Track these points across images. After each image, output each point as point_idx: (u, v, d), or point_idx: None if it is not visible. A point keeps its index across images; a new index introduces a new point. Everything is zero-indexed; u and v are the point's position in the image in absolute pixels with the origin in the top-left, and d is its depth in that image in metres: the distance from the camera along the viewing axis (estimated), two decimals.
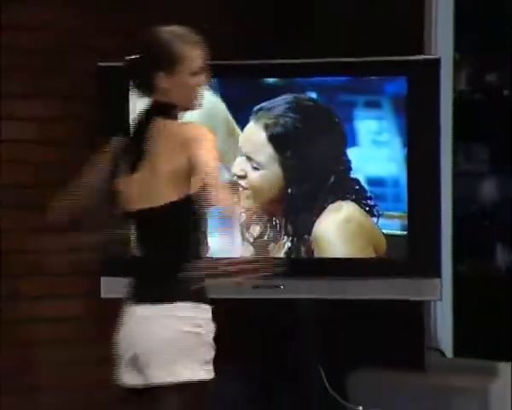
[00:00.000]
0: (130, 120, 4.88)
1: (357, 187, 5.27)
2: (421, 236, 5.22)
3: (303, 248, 5.32)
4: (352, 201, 5.14)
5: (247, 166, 5.23)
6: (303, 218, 5.40)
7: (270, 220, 5.41)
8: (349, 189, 5.27)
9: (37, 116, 5.68)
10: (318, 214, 5.31)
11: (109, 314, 4.94)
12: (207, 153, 3.31)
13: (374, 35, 5.93)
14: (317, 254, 5.31)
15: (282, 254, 5.38)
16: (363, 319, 5.80)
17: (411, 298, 5.35)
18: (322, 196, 5.35)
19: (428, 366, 5.96)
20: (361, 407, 5.86)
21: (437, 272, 5.16)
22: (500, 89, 6.17)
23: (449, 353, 5.97)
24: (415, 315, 5.95)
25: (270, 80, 5.36)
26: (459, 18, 6.21)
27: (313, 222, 5.31)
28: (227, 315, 5.52)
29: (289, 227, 5.38)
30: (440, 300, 5.60)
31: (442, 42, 6.04)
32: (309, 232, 5.28)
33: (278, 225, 5.38)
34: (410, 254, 5.15)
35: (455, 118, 5.93)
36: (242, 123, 5.29)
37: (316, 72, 5.39)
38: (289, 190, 5.28)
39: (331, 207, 5.24)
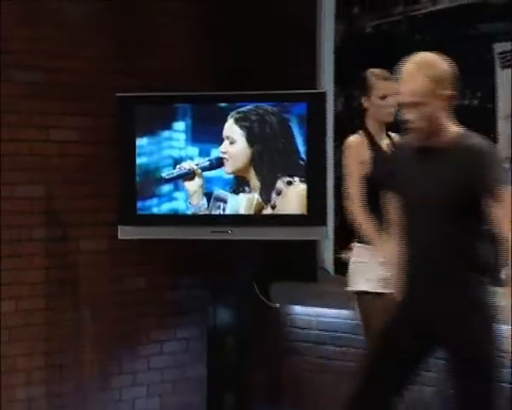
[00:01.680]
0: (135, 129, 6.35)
1: (296, 163, 6.26)
2: (315, 200, 6.19)
3: (268, 203, 6.30)
4: (296, 176, 6.18)
5: (227, 145, 6.29)
6: (266, 182, 6.31)
7: (244, 180, 6.37)
8: (292, 164, 6.26)
9: (77, 126, 6.59)
10: (275, 180, 6.30)
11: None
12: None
13: (290, 77, 6.78)
14: (277, 207, 6.28)
15: (252, 207, 6.36)
16: (282, 252, 6.62)
17: (311, 238, 6.53)
18: (278, 168, 6.32)
19: (319, 279, 6.94)
20: (278, 304, 6.94)
21: (324, 222, 6.26)
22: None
23: (331, 271, 6.98)
24: (313, 248, 6.90)
25: (223, 104, 6.35)
26: (338, 64, 7.00)
27: (273, 184, 6.29)
28: (194, 249, 6.59)
29: (256, 184, 6.32)
30: (327, 239, 6.87)
31: (328, 80, 6.95)
32: (270, 190, 6.26)
33: (248, 184, 6.35)
34: (309, 211, 6.16)
35: (335, 128, 6.93)
36: (213, 129, 6.31)
37: (255, 99, 6.34)
38: (253, 159, 6.28)
39: (283, 179, 6.26)
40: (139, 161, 6.35)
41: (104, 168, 6.59)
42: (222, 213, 6.37)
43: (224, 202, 6.46)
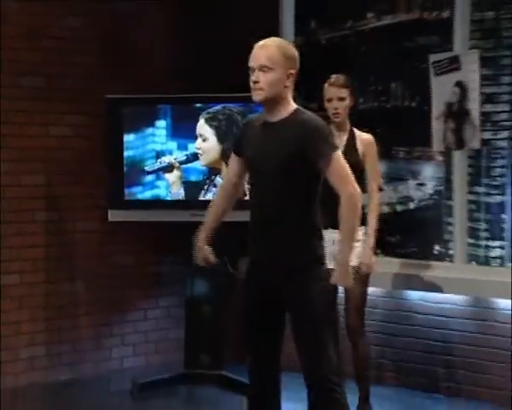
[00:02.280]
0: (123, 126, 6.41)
1: None
2: None
3: None
4: None
5: (200, 141, 6.38)
6: None
7: (216, 171, 6.45)
8: None
9: (73, 123, 6.71)
10: None
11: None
12: None
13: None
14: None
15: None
16: (240, 231, 6.95)
17: None
18: None
19: None
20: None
21: None
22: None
23: None
24: None
25: (198, 105, 6.48)
26: None
27: None
28: (174, 230, 6.48)
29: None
30: None
31: None
32: None
33: (220, 174, 6.42)
34: None
35: None
36: (187, 127, 6.44)
37: (224, 100, 6.46)
38: (223, 154, 6.31)
39: None
40: (126, 153, 6.47)
41: (96, 160, 6.69)
42: (198, 199, 6.47)
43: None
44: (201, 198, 6.49)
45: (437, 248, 6.49)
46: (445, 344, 6.40)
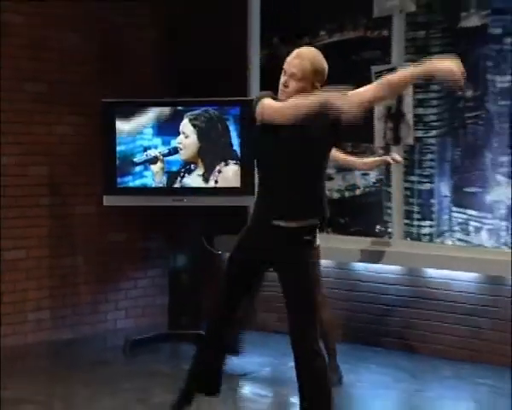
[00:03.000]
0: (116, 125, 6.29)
1: (231, 151, 6.38)
2: (245, 177, 6.31)
3: (212, 179, 6.41)
4: (231, 160, 6.32)
5: (183, 138, 6.36)
6: (209, 165, 6.41)
7: (194, 163, 6.42)
8: (228, 151, 6.39)
9: (73, 123, 6.77)
10: (216, 163, 6.39)
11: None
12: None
13: (228, 88, 6.80)
14: (219, 182, 6.38)
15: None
16: (222, 214, 6.68)
17: (243, 204, 6.60)
18: (218, 155, 6.41)
19: None
20: (220, 251, 6.99)
21: (252, 193, 6.08)
22: None
23: None
24: (244, 211, 6.80)
25: (180, 108, 6.46)
26: (262, 78, 7.11)
27: (215, 166, 6.38)
28: (159, 213, 6.72)
29: (202, 167, 6.42)
30: None
31: (255, 90, 7.02)
32: (213, 171, 6.37)
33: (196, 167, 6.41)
34: (241, 184, 6.34)
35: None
36: (172, 125, 6.44)
37: (203, 104, 6.48)
38: (200, 150, 6.38)
39: (223, 162, 6.35)
40: (118, 148, 6.48)
41: (93, 154, 6.71)
42: (179, 186, 6.48)
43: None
44: (177, 185, 6.48)
45: (378, 227, 6.60)
46: (385, 306, 6.53)
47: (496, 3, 6.07)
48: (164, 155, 6.47)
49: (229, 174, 6.49)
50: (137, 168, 6.54)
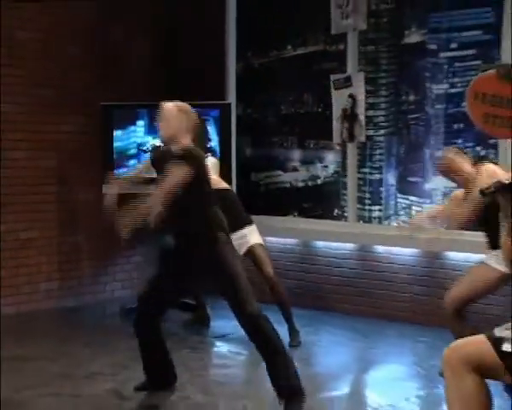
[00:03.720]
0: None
1: (210, 147, 6.37)
2: (224, 169, 6.13)
3: None
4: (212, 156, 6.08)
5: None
6: None
7: None
8: (208, 148, 6.34)
9: (77, 122, 6.76)
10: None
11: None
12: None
13: (209, 92, 6.69)
14: None
15: None
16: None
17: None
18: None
19: None
20: None
21: (230, 182, 6.12)
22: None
23: None
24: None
25: None
26: (238, 85, 7.12)
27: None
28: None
29: None
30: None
31: (232, 95, 7.14)
32: None
33: None
34: (220, 174, 5.89)
35: (236, 125, 6.97)
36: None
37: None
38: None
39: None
40: (115, 144, 6.54)
41: (94, 149, 6.69)
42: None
43: None
44: None
45: (336, 211, 6.68)
46: (341, 278, 6.63)
47: (432, 24, 6.13)
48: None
49: (209, 166, 6.26)
50: (131, 162, 6.50)
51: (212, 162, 6.22)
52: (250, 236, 5.69)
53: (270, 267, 5.61)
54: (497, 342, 2.73)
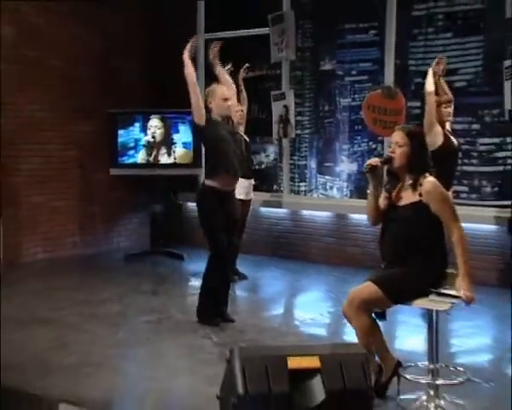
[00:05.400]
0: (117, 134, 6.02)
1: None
2: (196, 157, 6.15)
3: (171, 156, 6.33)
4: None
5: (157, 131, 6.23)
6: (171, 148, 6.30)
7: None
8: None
9: (91, 124, 6.66)
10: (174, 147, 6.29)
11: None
12: None
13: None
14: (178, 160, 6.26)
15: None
16: (183, 180, 6.53)
17: (195, 174, 6.38)
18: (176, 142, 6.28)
19: None
20: (181, 202, 6.84)
21: (201, 166, 5.35)
22: None
23: None
24: (195, 178, 6.47)
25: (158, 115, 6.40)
26: None
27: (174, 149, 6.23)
28: (145, 180, 6.48)
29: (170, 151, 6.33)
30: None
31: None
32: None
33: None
34: (193, 161, 6.30)
35: None
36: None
37: (173, 112, 6.37)
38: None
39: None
40: (119, 140, 6.50)
41: (103, 143, 6.62)
42: (154, 162, 6.38)
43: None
44: (153, 161, 6.40)
45: (275, 186, 6.75)
46: (278, 233, 6.63)
47: (339, 58, 6.32)
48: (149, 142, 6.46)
49: (185, 156, 6.47)
50: (130, 152, 6.47)
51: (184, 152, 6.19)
52: (250, 189, 5.42)
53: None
54: (376, 280, 2.93)
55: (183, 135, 6.48)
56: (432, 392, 3.04)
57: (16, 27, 5.99)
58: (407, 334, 4.18)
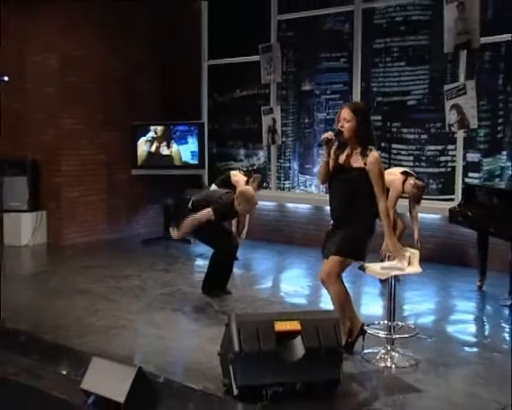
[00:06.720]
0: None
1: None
2: (201, 159, 6.27)
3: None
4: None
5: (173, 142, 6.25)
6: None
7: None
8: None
9: (117, 132, 6.62)
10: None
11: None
12: None
13: (191, 115, 6.65)
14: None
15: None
16: (190, 178, 6.54)
17: (199, 173, 6.58)
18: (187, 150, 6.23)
19: (204, 188, 6.41)
20: (189, 197, 5.69)
21: (204, 166, 6.37)
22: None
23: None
24: (199, 177, 6.68)
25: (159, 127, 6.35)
26: (209, 113, 6.87)
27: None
28: (160, 178, 6.46)
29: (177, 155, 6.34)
30: (205, 174, 6.73)
31: (205, 118, 6.87)
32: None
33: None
34: (199, 161, 6.29)
35: (208, 137, 6.73)
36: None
37: (180, 123, 6.42)
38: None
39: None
40: (138, 143, 6.50)
41: (126, 149, 6.62)
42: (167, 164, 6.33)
43: None
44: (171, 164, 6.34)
45: (265, 184, 6.43)
46: (267, 222, 6.53)
47: (317, 80, 6.26)
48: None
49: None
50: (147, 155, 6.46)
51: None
52: None
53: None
54: (337, 252, 2.93)
55: (191, 145, 6.48)
56: (389, 347, 3.12)
57: (60, 58, 6.13)
58: (368, 302, 4.26)
